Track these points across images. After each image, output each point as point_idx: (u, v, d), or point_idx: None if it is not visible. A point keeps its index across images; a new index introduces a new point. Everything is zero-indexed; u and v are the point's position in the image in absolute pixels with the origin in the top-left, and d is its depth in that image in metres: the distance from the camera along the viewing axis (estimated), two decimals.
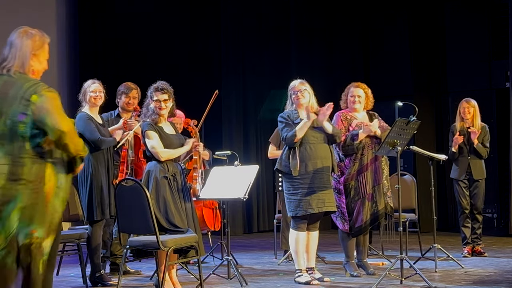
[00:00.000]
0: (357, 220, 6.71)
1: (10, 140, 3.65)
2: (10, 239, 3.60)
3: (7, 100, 3.64)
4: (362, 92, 6.88)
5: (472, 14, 11.42)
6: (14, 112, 3.63)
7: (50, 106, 3.65)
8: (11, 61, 3.74)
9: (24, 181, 3.62)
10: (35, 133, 3.65)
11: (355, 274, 6.73)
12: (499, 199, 11.08)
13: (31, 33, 3.79)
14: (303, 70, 10.70)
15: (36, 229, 3.63)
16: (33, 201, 3.63)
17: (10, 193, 3.61)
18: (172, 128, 6.28)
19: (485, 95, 10.96)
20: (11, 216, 3.60)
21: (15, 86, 3.66)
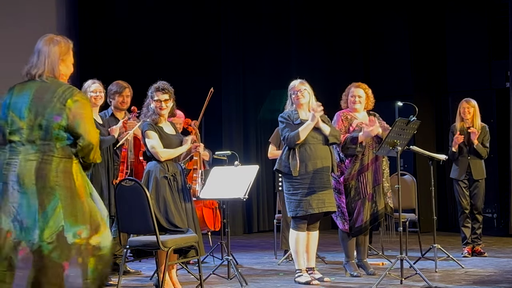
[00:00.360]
0: (357, 220, 6.72)
1: (43, 139, 3.90)
2: (57, 235, 3.78)
3: (42, 102, 3.91)
4: (362, 92, 6.88)
5: (472, 14, 11.42)
6: (50, 114, 3.89)
7: (83, 113, 3.92)
8: (41, 67, 4.02)
9: (56, 179, 3.85)
10: (66, 135, 3.91)
11: (355, 274, 6.73)
12: (499, 199, 11.08)
13: (57, 40, 4.13)
14: (303, 70, 10.70)
15: (82, 230, 3.84)
16: (70, 200, 3.85)
17: (47, 191, 3.83)
18: (172, 128, 6.28)
19: (485, 95, 10.96)
20: (56, 214, 3.81)
21: (49, 90, 3.93)
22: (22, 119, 3.93)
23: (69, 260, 3.79)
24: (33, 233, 3.78)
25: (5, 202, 3.86)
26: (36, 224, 3.79)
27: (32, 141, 3.89)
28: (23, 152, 3.89)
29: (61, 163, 3.89)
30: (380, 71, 11.71)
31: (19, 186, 3.85)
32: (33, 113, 3.92)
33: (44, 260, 3.75)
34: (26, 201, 3.83)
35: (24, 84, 4.07)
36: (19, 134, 3.92)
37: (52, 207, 3.82)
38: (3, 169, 3.91)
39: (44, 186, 3.84)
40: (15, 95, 4.04)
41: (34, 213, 3.80)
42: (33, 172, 3.85)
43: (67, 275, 3.78)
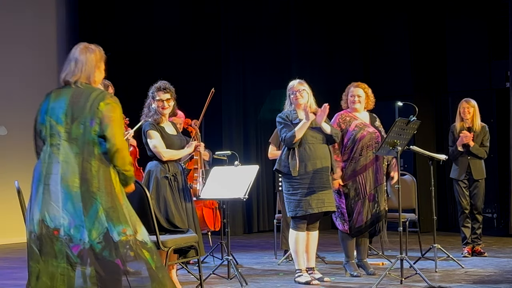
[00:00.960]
0: (357, 221, 6.72)
1: (82, 143, 4.11)
2: (103, 236, 4.02)
3: (78, 107, 4.13)
4: (362, 92, 6.88)
5: (472, 14, 11.42)
6: (86, 118, 4.10)
7: (112, 116, 4.12)
8: (78, 74, 4.25)
9: (98, 184, 4.07)
10: (101, 140, 4.12)
11: (355, 274, 6.73)
12: (499, 199, 11.08)
13: (92, 49, 4.33)
14: (303, 70, 10.70)
15: (126, 228, 4.08)
16: (111, 204, 4.08)
17: (90, 195, 4.05)
18: (173, 128, 6.28)
19: (485, 95, 10.96)
20: (98, 216, 4.04)
21: (84, 95, 4.16)
22: (60, 124, 4.14)
23: (121, 257, 4.03)
24: (82, 232, 4.01)
25: (48, 202, 4.06)
26: (84, 225, 4.01)
27: (72, 145, 4.10)
28: (63, 156, 4.10)
29: (100, 169, 4.10)
30: (380, 71, 11.70)
31: (62, 188, 4.05)
32: (69, 117, 4.13)
33: (98, 256, 4.00)
34: (71, 202, 4.03)
35: (61, 90, 4.28)
36: (58, 138, 4.13)
37: (95, 210, 4.04)
38: (45, 172, 4.11)
39: (87, 190, 4.05)
40: (52, 101, 4.24)
41: (80, 214, 4.02)
42: (77, 175, 4.06)
43: (129, 272, 4.03)
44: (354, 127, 6.77)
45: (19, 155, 10.59)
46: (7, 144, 10.45)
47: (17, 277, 7.18)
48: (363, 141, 6.73)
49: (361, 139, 6.74)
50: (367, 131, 6.78)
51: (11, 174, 9.89)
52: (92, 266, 3.99)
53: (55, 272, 4.02)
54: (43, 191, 4.09)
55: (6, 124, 10.37)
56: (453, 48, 11.51)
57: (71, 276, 4.01)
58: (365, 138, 6.74)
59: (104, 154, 4.12)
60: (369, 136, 6.77)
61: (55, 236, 4.03)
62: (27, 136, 11.73)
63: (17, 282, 6.87)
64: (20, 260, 8.52)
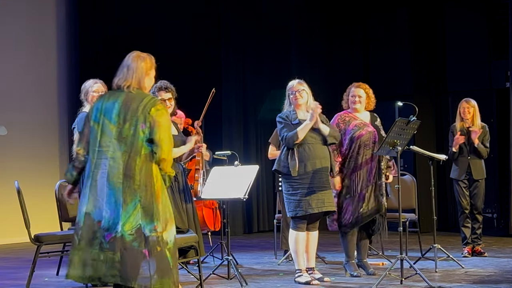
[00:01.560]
0: (344, 218, 6.71)
1: (131, 143, 4.46)
2: (136, 230, 4.39)
3: (130, 111, 4.48)
4: (363, 92, 6.88)
5: (472, 14, 11.42)
6: (137, 121, 4.45)
7: (161, 121, 4.48)
8: (129, 80, 4.59)
9: (139, 182, 4.42)
10: (148, 142, 4.47)
11: (355, 274, 6.73)
12: (499, 199, 11.07)
13: (143, 57, 4.69)
14: (303, 70, 10.70)
15: (158, 225, 4.44)
16: (149, 201, 4.43)
17: (131, 192, 4.41)
18: (174, 128, 6.27)
19: (485, 95, 10.95)
20: (135, 212, 4.41)
21: (136, 100, 4.51)
22: (113, 123, 4.49)
23: (149, 249, 4.41)
24: (118, 224, 4.39)
25: (95, 197, 4.45)
26: (120, 217, 4.39)
27: (121, 144, 4.45)
28: (112, 153, 4.46)
29: (144, 167, 4.44)
30: (380, 71, 11.70)
31: (107, 183, 4.42)
32: (121, 118, 4.48)
33: (126, 246, 4.38)
34: (113, 196, 4.41)
35: (114, 92, 4.62)
36: (109, 136, 4.48)
37: (133, 205, 4.41)
38: (94, 167, 4.48)
39: (129, 186, 4.41)
40: (106, 101, 4.58)
41: (119, 207, 4.40)
42: (121, 172, 4.41)
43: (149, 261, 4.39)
44: (353, 126, 6.77)
45: (19, 155, 10.61)
46: (7, 144, 10.45)
47: (17, 277, 7.18)
48: (361, 139, 6.73)
49: (358, 138, 6.73)
50: (366, 130, 6.78)
51: (11, 174, 9.91)
52: (118, 253, 4.37)
53: (87, 259, 4.40)
54: (90, 186, 4.48)
55: (6, 124, 10.37)
56: (453, 48, 11.50)
57: (100, 260, 4.38)
58: (363, 137, 6.74)
59: (149, 154, 4.46)
60: (367, 135, 6.76)
61: (98, 227, 4.42)
62: (27, 136, 11.82)
63: (17, 282, 6.87)
64: (20, 260, 8.53)
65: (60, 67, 11.29)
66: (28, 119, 10.80)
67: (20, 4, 10.85)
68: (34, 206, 7.77)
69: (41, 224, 8.05)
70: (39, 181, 10.41)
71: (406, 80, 11.25)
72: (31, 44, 10.94)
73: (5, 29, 10.64)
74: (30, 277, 6.35)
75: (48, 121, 11.09)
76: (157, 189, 4.48)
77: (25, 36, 10.87)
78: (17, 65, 10.76)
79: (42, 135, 11.00)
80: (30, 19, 10.94)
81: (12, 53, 10.71)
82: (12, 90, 10.63)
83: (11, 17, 10.71)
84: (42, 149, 10.96)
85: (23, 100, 10.75)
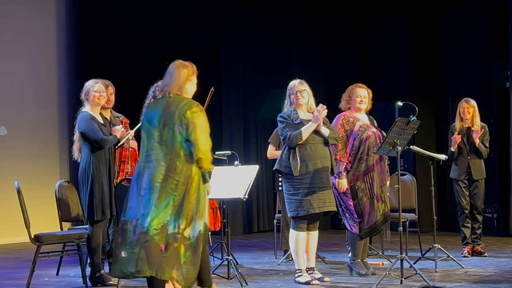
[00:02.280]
0: (368, 221, 6.70)
1: (171, 146, 4.83)
2: (162, 226, 4.76)
3: (169, 115, 4.85)
4: (366, 92, 6.89)
5: (472, 14, 11.42)
6: (174, 124, 4.82)
7: (197, 123, 4.82)
8: (170, 87, 4.97)
9: (177, 182, 4.78)
10: (187, 143, 4.81)
11: (363, 272, 6.70)
12: (499, 199, 11.07)
13: (185, 64, 5.12)
14: (303, 70, 10.71)
15: (182, 222, 4.80)
16: (182, 199, 4.79)
17: (167, 190, 4.77)
18: None
19: (485, 95, 10.95)
20: (166, 209, 4.77)
21: (174, 104, 4.88)
22: (155, 129, 4.89)
23: (166, 244, 4.77)
24: (146, 219, 4.76)
25: (138, 196, 4.83)
26: (150, 213, 4.76)
27: (162, 147, 4.83)
28: (155, 155, 4.85)
29: (184, 167, 4.81)
30: (380, 71, 11.70)
31: (148, 182, 4.80)
32: (162, 123, 4.86)
33: (148, 239, 4.75)
34: (150, 194, 4.78)
35: (158, 100, 5.01)
36: (153, 141, 4.88)
37: (166, 204, 4.78)
38: (141, 170, 4.88)
39: (167, 185, 4.78)
40: (150, 109, 5.00)
41: (151, 204, 4.77)
42: (162, 173, 4.78)
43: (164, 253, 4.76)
44: (359, 128, 6.76)
45: (19, 155, 10.61)
46: (7, 144, 10.45)
47: (17, 277, 7.19)
48: (369, 141, 6.73)
49: (366, 139, 6.74)
50: (372, 131, 6.79)
51: (11, 174, 9.91)
52: (143, 249, 4.74)
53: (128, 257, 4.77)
54: (137, 187, 4.86)
55: (6, 124, 10.38)
56: (453, 48, 11.50)
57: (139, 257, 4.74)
58: (370, 138, 6.75)
59: (189, 155, 4.81)
60: (373, 136, 6.78)
61: (133, 225, 4.79)
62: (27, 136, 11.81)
63: (17, 282, 6.87)
64: (20, 260, 8.53)
65: (60, 67, 11.28)
66: (28, 119, 10.80)
67: (20, 4, 10.85)
68: (34, 206, 7.77)
69: (41, 224, 8.06)
70: (39, 181, 10.41)
71: (406, 80, 11.25)
72: (31, 44, 10.94)
73: (5, 29, 10.64)
74: (30, 277, 6.36)
75: (48, 121, 11.08)
76: (192, 188, 4.81)
77: (25, 36, 10.87)
78: (17, 65, 10.76)
79: (42, 135, 11.00)
80: (30, 19, 10.94)
81: (12, 53, 10.71)
82: (12, 90, 10.63)
83: (11, 17, 10.71)
84: (42, 149, 10.96)
85: (23, 100, 10.75)
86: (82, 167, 6.50)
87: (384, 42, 11.76)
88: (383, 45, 11.76)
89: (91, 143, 6.44)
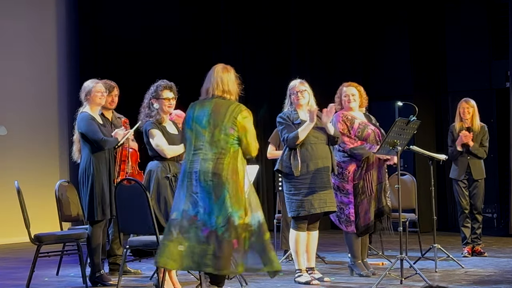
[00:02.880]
0: (365, 219, 6.68)
1: (221, 146, 5.11)
2: (227, 219, 5.01)
3: (219, 116, 5.15)
4: (355, 90, 6.85)
5: (472, 14, 11.41)
6: (226, 126, 5.11)
7: (247, 127, 5.18)
8: (215, 89, 5.23)
9: (226, 176, 5.05)
10: (237, 142, 5.13)
11: (364, 274, 6.69)
12: (499, 199, 11.07)
13: (228, 68, 5.39)
14: (303, 70, 10.70)
15: (242, 212, 5.09)
16: (235, 191, 5.07)
17: (220, 186, 5.03)
18: (174, 128, 6.29)
19: (485, 95, 10.95)
20: (225, 202, 5.03)
21: (224, 106, 5.18)
22: (204, 128, 5.14)
23: (237, 237, 5.07)
24: (212, 218, 5.02)
25: (190, 193, 5.08)
26: (213, 212, 5.03)
27: (212, 146, 5.11)
28: (203, 154, 5.10)
29: (230, 163, 5.09)
30: (380, 71, 11.69)
31: (200, 181, 5.05)
32: (211, 124, 5.13)
33: (219, 239, 5.01)
34: (205, 193, 5.05)
35: (204, 101, 5.26)
36: (202, 140, 5.13)
37: (223, 198, 5.04)
38: (188, 167, 5.12)
39: (218, 182, 5.04)
40: (197, 110, 5.23)
41: (211, 202, 5.03)
42: (210, 170, 5.05)
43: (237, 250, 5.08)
44: (358, 125, 6.76)
45: (19, 155, 10.61)
46: (7, 144, 10.45)
47: (17, 277, 7.18)
48: (369, 139, 6.74)
49: (366, 138, 6.74)
50: (370, 129, 6.80)
51: (11, 174, 9.90)
52: (212, 245, 4.99)
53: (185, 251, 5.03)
54: (187, 185, 5.10)
55: (6, 124, 10.38)
56: (453, 48, 11.50)
57: (196, 253, 5.00)
58: (370, 136, 6.75)
59: (236, 152, 5.13)
60: (373, 134, 6.79)
61: (194, 221, 5.04)
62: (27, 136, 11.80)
63: (17, 282, 6.87)
64: (20, 260, 8.53)
65: (60, 67, 11.28)
66: (28, 119, 10.79)
67: (20, 4, 10.84)
68: (34, 206, 7.77)
69: (41, 224, 8.06)
70: (39, 181, 10.40)
71: (406, 80, 11.25)
72: (31, 44, 10.94)
73: (5, 29, 10.64)
74: (30, 277, 6.36)
75: (48, 121, 11.08)
76: (241, 179, 5.12)
77: (25, 36, 10.87)
78: (17, 65, 10.76)
79: (42, 135, 11.00)
80: (30, 19, 10.93)
81: (12, 53, 10.71)
82: (12, 90, 10.63)
83: (11, 17, 10.70)
84: (42, 149, 10.96)
85: (23, 100, 10.75)
86: (82, 167, 6.50)
87: (384, 42, 11.75)
88: (383, 45, 11.75)
89: (91, 144, 6.44)
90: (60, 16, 11.36)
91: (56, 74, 11.25)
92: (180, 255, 5.03)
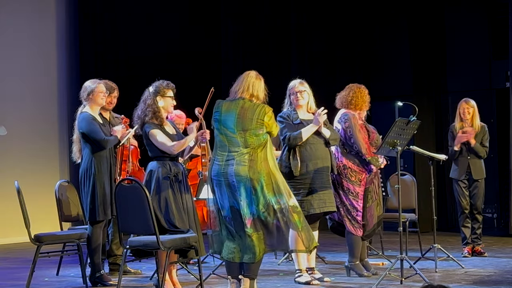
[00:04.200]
0: (370, 224, 6.69)
1: (254, 146, 5.57)
2: (266, 206, 5.50)
3: (247, 121, 5.62)
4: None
5: (472, 14, 11.41)
6: (255, 129, 5.58)
7: (272, 122, 5.68)
8: (246, 91, 5.71)
9: (260, 168, 5.51)
10: (266, 136, 5.64)
11: (365, 274, 6.68)
12: (499, 199, 11.06)
13: (260, 77, 5.87)
14: (303, 70, 10.70)
15: (280, 198, 5.55)
16: (270, 180, 5.54)
17: (256, 175, 5.49)
18: (172, 128, 6.29)
19: (485, 95, 10.95)
20: (264, 190, 5.51)
21: (250, 110, 5.64)
22: (234, 133, 5.59)
23: (278, 219, 5.52)
24: (252, 207, 5.49)
25: (231, 192, 5.52)
26: (253, 201, 5.49)
27: (246, 147, 5.55)
28: (238, 155, 5.54)
29: (262, 155, 5.57)
30: (380, 71, 11.69)
31: (237, 179, 5.50)
32: (240, 127, 5.58)
33: (264, 223, 5.53)
34: (243, 187, 5.49)
35: (230, 102, 5.73)
36: (237, 145, 5.57)
37: (260, 188, 5.50)
38: (223, 168, 5.55)
39: (253, 175, 5.48)
40: (224, 112, 5.68)
41: (249, 194, 5.49)
42: (246, 168, 5.50)
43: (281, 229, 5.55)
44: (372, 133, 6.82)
45: (19, 155, 10.60)
46: (7, 144, 10.44)
47: (17, 277, 7.18)
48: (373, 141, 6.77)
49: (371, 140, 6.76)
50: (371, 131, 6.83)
51: (11, 174, 9.90)
52: (261, 231, 5.49)
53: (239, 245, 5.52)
54: (225, 185, 5.54)
55: (6, 124, 10.36)
56: (453, 48, 11.49)
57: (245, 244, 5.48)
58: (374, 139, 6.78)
59: (265, 143, 5.60)
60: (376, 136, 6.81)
61: (240, 215, 5.49)
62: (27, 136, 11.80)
63: (17, 282, 6.87)
64: (20, 260, 8.52)
65: (60, 67, 11.28)
66: (28, 119, 10.79)
67: (20, 4, 10.84)
68: (34, 206, 7.77)
69: (41, 224, 8.06)
70: (39, 181, 10.40)
71: (406, 80, 11.25)
72: (31, 44, 10.93)
73: (5, 29, 10.64)
74: (30, 277, 6.36)
75: (48, 121, 11.08)
76: (272, 168, 5.59)
77: (25, 36, 10.87)
78: (17, 65, 10.75)
79: (42, 135, 10.99)
80: (30, 19, 10.93)
81: (12, 53, 10.71)
82: (12, 90, 10.63)
83: (11, 17, 10.70)
84: (42, 149, 10.95)
85: (23, 100, 10.75)
86: (83, 167, 6.50)
87: (384, 42, 11.75)
88: (383, 45, 11.75)
89: (91, 144, 6.44)
90: (60, 16, 11.35)
91: (56, 74, 11.24)
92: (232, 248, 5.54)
